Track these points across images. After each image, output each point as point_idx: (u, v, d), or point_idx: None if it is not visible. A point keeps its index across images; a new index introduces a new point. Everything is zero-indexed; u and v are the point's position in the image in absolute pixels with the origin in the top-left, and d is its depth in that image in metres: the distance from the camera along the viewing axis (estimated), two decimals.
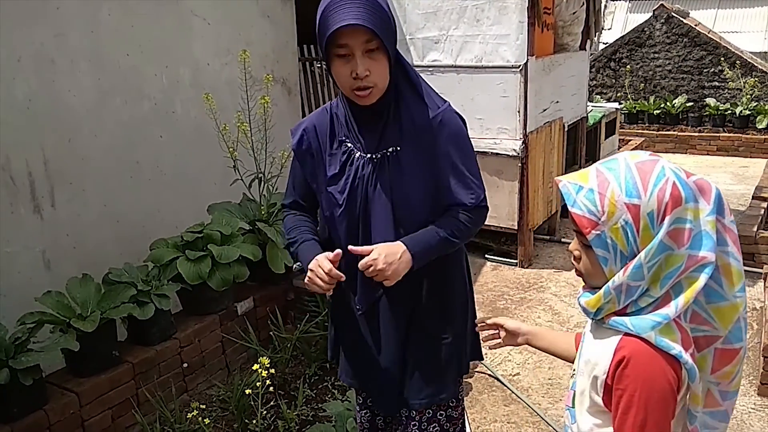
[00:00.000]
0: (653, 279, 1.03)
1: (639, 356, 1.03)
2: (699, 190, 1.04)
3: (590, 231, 1.04)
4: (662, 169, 1.03)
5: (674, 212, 1.01)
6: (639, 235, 1.02)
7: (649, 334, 1.03)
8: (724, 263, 1.05)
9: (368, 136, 1.54)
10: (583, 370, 1.15)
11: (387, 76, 1.46)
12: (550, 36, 4.58)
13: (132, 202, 3.25)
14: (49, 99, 2.87)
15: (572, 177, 1.09)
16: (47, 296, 2.54)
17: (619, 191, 1.02)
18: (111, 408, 2.58)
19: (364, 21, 1.34)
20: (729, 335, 1.09)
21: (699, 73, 8.75)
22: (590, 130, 5.81)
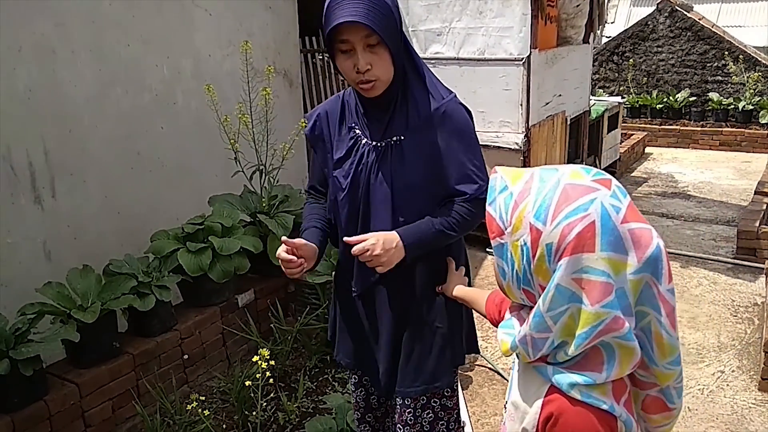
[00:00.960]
0: (565, 332, 0.92)
1: (567, 415, 0.93)
2: (633, 241, 0.88)
3: (495, 237, 0.97)
4: (590, 202, 0.87)
5: (577, 257, 0.87)
6: (534, 263, 0.91)
7: (571, 393, 0.93)
8: (655, 330, 0.93)
9: (375, 124, 1.58)
10: (513, 415, 1.05)
11: (390, 70, 1.48)
12: (553, 29, 4.56)
13: (133, 193, 3.24)
14: (49, 89, 2.86)
15: (508, 172, 0.99)
16: (48, 287, 2.54)
17: (531, 208, 0.91)
18: (111, 399, 2.58)
19: (361, 17, 1.37)
20: (663, 392, 0.99)
21: (702, 67, 8.71)
22: (593, 124, 5.80)
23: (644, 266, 0.88)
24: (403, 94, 1.55)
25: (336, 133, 1.64)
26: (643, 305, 0.91)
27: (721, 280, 4.13)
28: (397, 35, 1.46)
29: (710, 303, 3.82)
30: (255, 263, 3.18)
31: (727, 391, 2.95)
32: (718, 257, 4.49)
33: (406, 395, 1.69)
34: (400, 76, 1.53)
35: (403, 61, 1.53)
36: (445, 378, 1.68)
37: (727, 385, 2.99)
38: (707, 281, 4.12)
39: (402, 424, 1.72)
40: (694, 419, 2.75)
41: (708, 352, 3.29)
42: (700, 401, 2.87)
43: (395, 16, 1.45)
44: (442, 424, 1.75)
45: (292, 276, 1.58)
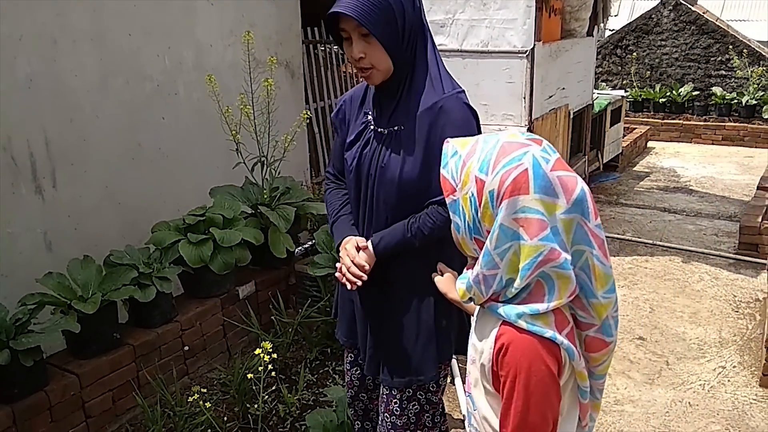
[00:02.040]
0: (511, 269, 1.05)
1: (516, 343, 1.05)
2: (561, 186, 1.02)
3: (449, 195, 1.11)
4: (522, 154, 1.03)
5: (513, 199, 1.01)
6: (480, 210, 1.06)
7: (518, 323, 1.05)
8: (591, 264, 1.06)
9: (383, 111, 1.63)
10: (473, 357, 1.18)
11: (384, 60, 1.52)
12: (557, 21, 4.53)
13: (134, 184, 3.23)
14: (50, 79, 2.84)
15: (458, 141, 1.14)
16: (48, 277, 2.54)
17: (476, 164, 1.06)
18: (111, 390, 2.58)
19: (350, 10, 1.44)
20: (601, 329, 1.11)
21: (706, 61, 8.67)
22: (595, 117, 5.77)
23: (573, 207, 1.03)
24: (409, 85, 1.58)
25: (354, 118, 1.71)
26: (579, 244, 1.05)
27: (722, 276, 4.12)
28: (391, 28, 1.49)
29: (712, 298, 3.81)
30: (256, 255, 3.18)
31: (728, 386, 2.94)
32: (720, 252, 4.48)
33: (392, 386, 1.71)
34: (403, 67, 1.56)
35: (408, 53, 1.55)
36: (429, 372, 1.69)
37: (728, 381, 2.98)
38: (709, 276, 4.12)
39: (389, 413, 1.75)
40: (695, 414, 2.75)
41: (709, 347, 3.28)
42: (701, 396, 2.87)
43: (393, 10, 1.48)
44: (428, 416, 1.78)
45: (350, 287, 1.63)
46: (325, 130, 5.27)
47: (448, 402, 2.69)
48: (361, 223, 1.71)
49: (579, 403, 1.16)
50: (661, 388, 2.94)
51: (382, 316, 1.71)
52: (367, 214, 1.69)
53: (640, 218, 5.30)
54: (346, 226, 1.73)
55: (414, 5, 1.54)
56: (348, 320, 1.83)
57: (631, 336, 3.39)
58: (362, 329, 1.76)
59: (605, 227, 5.11)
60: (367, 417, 1.97)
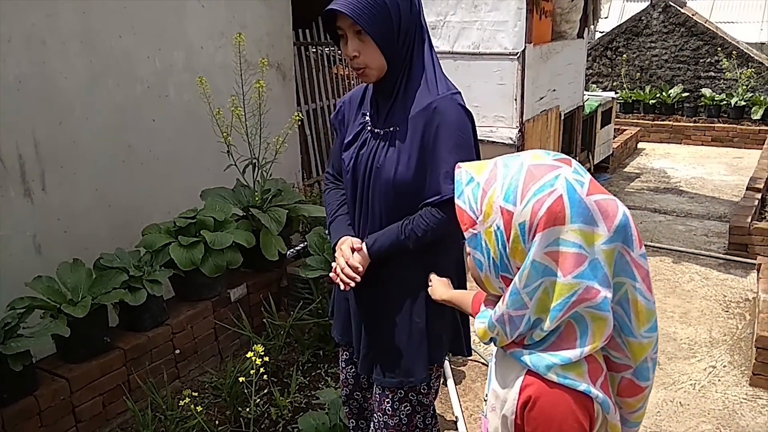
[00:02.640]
0: (540, 308, 0.93)
1: (544, 397, 0.95)
2: (601, 212, 0.91)
3: (468, 228, 0.98)
4: (555, 178, 0.91)
5: (550, 231, 0.90)
6: (509, 245, 0.93)
7: (548, 375, 0.94)
8: (632, 298, 0.96)
9: (380, 111, 1.64)
10: (494, 404, 1.07)
11: (378, 59, 1.54)
12: (548, 23, 4.55)
13: (124, 186, 3.21)
14: (40, 80, 2.82)
15: (472, 166, 1.01)
16: (38, 281, 2.52)
17: (500, 193, 0.94)
18: (102, 394, 2.56)
19: (343, 7, 1.46)
20: (637, 372, 1.02)
21: (695, 63, 8.73)
22: (586, 119, 5.80)
23: (615, 235, 0.92)
24: (405, 85, 1.59)
25: (353, 118, 1.73)
26: (619, 275, 0.94)
27: (712, 276, 4.15)
28: (386, 27, 1.50)
29: (702, 298, 3.83)
30: (247, 257, 3.16)
31: (718, 386, 2.96)
32: (710, 253, 4.51)
33: (383, 385, 1.72)
34: (399, 66, 1.57)
35: (404, 53, 1.56)
36: (419, 374, 1.69)
37: (719, 380, 3.00)
38: (699, 276, 4.14)
39: (381, 412, 1.76)
40: (686, 414, 2.76)
41: (700, 347, 3.30)
42: (692, 396, 2.88)
43: (388, 9, 1.49)
44: (419, 418, 1.78)
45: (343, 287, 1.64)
46: (317, 132, 5.26)
47: (441, 404, 2.69)
48: (357, 223, 1.72)
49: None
50: (653, 388, 2.95)
51: (375, 315, 1.72)
52: (363, 215, 1.69)
53: None
54: (343, 226, 1.74)
55: (412, 6, 1.55)
56: (343, 319, 1.84)
57: None
58: (356, 328, 1.77)
59: None
60: (362, 416, 1.97)
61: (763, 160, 6.16)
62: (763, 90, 8.33)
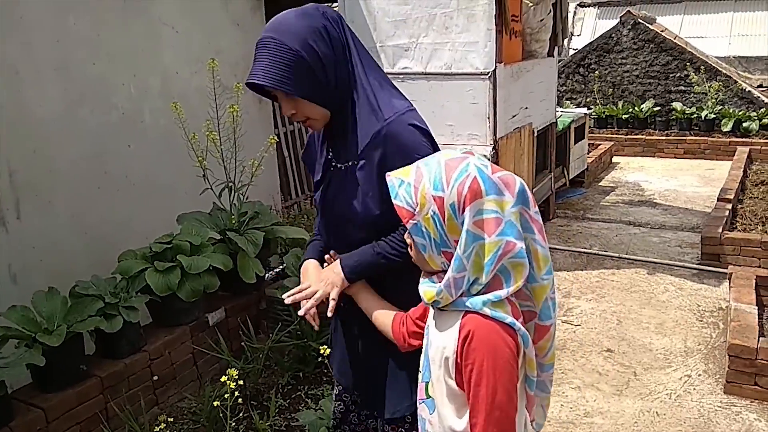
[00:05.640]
0: (476, 268, 1.15)
1: (480, 329, 1.13)
2: (504, 184, 1.15)
3: (408, 221, 1.18)
4: (467, 165, 1.16)
5: (474, 204, 1.13)
6: (445, 224, 1.15)
7: (483, 309, 1.14)
8: (533, 249, 1.17)
9: (337, 146, 1.60)
10: (434, 358, 1.24)
11: (316, 109, 1.49)
12: (518, 43, 4.65)
13: (100, 213, 3.21)
14: (14, 109, 2.83)
15: (399, 173, 1.23)
16: (12, 311, 2.50)
17: (429, 185, 1.16)
18: (79, 423, 2.53)
19: (262, 80, 1.40)
20: (541, 313, 1.22)
21: (665, 78, 8.94)
22: (560, 135, 5.90)
23: (518, 199, 1.15)
24: (354, 118, 1.53)
25: (319, 154, 1.68)
26: (524, 231, 1.17)
27: (686, 286, 4.23)
28: (312, 82, 1.43)
29: (677, 308, 3.90)
30: (225, 281, 3.17)
31: (693, 395, 3.01)
32: (683, 263, 4.60)
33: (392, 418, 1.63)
34: (341, 105, 1.51)
35: (341, 91, 1.49)
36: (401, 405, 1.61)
37: (694, 389, 3.05)
38: (674, 287, 4.22)
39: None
40: (662, 423, 2.80)
41: (675, 357, 3.35)
42: (668, 405, 2.93)
43: (308, 63, 1.41)
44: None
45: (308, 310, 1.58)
46: (295, 154, 5.29)
47: None
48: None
49: (526, 395, 1.23)
50: (630, 399, 3.00)
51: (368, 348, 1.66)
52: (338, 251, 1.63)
53: (607, 232, 5.41)
54: (314, 249, 1.72)
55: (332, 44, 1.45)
56: (338, 355, 1.78)
57: (600, 348, 3.45)
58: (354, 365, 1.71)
59: (573, 242, 5.23)
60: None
61: (733, 171, 6.31)
62: (731, 103, 8.54)
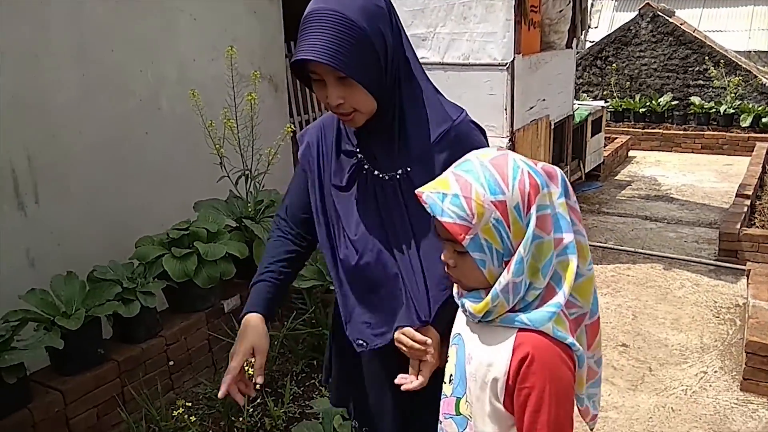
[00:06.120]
0: (532, 271, 1.05)
1: (543, 351, 1.03)
2: (548, 175, 1.07)
3: (464, 236, 1.03)
4: (514, 161, 1.06)
5: (537, 200, 1.04)
6: (511, 230, 1.03)
7: (547, 326, 1.04)
8: (577, 241, 1.09)
9: (377, 152, 1.35)
10: (475, 375, 1.11)
11: (368, 101, 1.26)
12: (536, 34, 4.60)
13: (117, 199, 3.23)
14: (33, 95, 2.84)
15: (432, 187, 1.07)
16: (31, 294, 2.52)
17: (483, 191, 1.03)
18: (96, 406, 2.56)
19: (321, 56, 1.18)
20: (591, 308, 1.14)
21: (684, 71, 8.83)
22: (576, 128, 5.85)
23: (562, 190, 1.08)
24: (401, 118, 1.32)
25: (331, 156, 1.41)
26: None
27: (703, 282, 4.19)
28: (373, 67, 1.23)
29: (693, 304, 3.87)
30: (241, 268, 3.18)
31: (709, 391, 2.98)
32: (700, 259, 4.55)
33: None
34: (391, 100, 1.30)
35: (394, 83, 1.30)
36: None
37: (710, 386, 3.03)
38: (690, 283, 4.18)
39: None
40: (677, 419, 2.78)
41: (691, 353, 3.33)
42: (684, 402, 2.91)
43: (373, 44, 1.21)
44: None
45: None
46: None
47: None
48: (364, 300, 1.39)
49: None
50: (644, 394, 2.98)
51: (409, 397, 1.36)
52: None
53: (622, 226, 5.36)
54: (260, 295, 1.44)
55: (392, 26, 1.27)
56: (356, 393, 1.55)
57: (615, 343, 3.42)
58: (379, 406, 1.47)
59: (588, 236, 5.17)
60: None
61: (752, 167, 6.23)
62: (751, 98, 8.42)
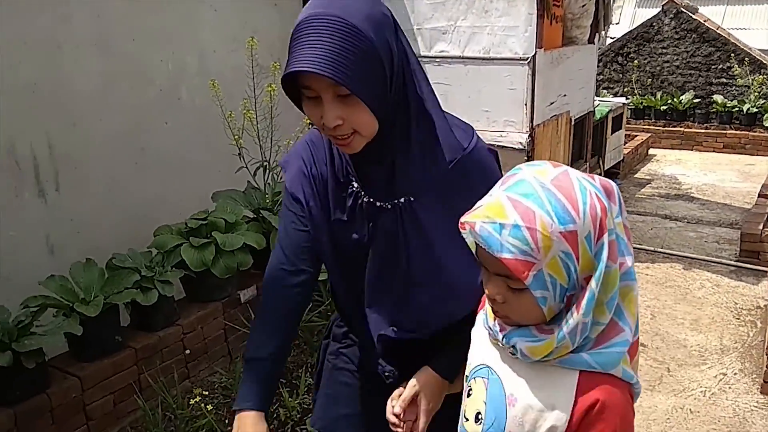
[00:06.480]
0: (597, 305, 0.92)
1: (614, 397, 0.92)
2: (606, 192, 0.92)
3: (527, 274, 0.87)
4: (579, 182, 0.90)
5: (607, 225, 0.90)
6: (579, 263, 0.89)
7: (617, 369, 0.93)
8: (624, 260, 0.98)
9: (374, 178, 1.18)
10: (522, 419, 0.97)
11: (370, 123, 1.07)
12: (558, 28, 4.55)
13: (136, 188, 3.24)
14: (54, 83, 2.86)
15: (483, 215, 0.91)
16: (51, 280, 2.54)
17: (551, 220, 0.87)
18: (113, 393, 2.58)
19: (320, 68, 0.98)
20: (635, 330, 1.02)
21: (707, 69, 8.69)
22: (597, 124, 5.79)
23: (618, 207, 0.93)
24: (406, 143, 1.15)
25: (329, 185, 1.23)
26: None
27: (723, 283, 4.13)
28: (379, 84, 1.05)
29: (713, 305, 3.81)
30: (258, 259, 3.18)
31: (729, 393, 2.94)
32: (721, 260, 4.48)
33: None
34: (395, 124, 1.13)
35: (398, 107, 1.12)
36: None
37: (729, 388, 2.98)
38: (710, 284, 4.12)
39: None
40: (695, 421, 2.74)
41: (710, 354, 3.28)
42: (702, 403, 2.87)
43: (378, 55, 1.03)
44: None
45: None
46: None
47: None
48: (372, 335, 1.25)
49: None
50: (662, 395, 2.94)
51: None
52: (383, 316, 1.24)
53: (642, 225, 5.30)
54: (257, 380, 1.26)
55: (398, 38, 1.10)
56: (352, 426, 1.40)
57: None
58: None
59: None
60: None
61: None
62: None
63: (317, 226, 1.24)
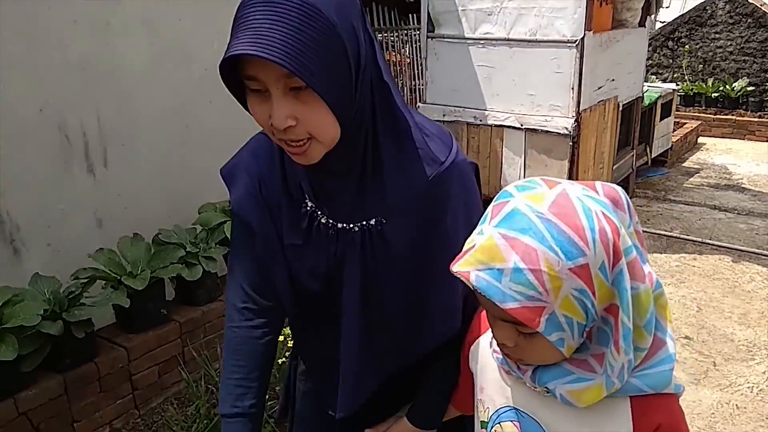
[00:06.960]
0: (635, 331, 0.84)
1: (674, 415, 0.88)
2: (612, 202, 0.82)
3: (538, 320, 0.77)
4: (581, 202, 0.78)
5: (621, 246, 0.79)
6: (596, 297, 0.79)
7: (668, 389, 0.87)
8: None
9: (335, 197, 1.01)
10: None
11: (330, 126, 0.88)
12: (608, 11, 4.42)
13: (181, 165, 3.29)
14: (104, 61, 2.91)
15: (476, 261, 0.79)
16: (100, 253, 2.61)
17: (557, 257, 0.75)
18: (158, 364, 2.65)
19: (271, 52, 0.78)
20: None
21: (762, 55, 8.34)
22: (645, 111, 5.63)
23: (628, 214, 0.85)
24: (376, 156, 0.97)
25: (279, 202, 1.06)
26: None
27: None
28: (342, 78, 0.86)
29: (763, 300, 3.68)
30: None
31: None
32: None
33: None
34: (361, 132, 0.94)
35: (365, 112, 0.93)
36: None
37: None
38: (760, 277, 3.98)
39: None
40: (742, 417, 2.66)
41: (759, 349, 3.18)
42: (749, 399, 2.78)
43: (343, 47, 0.84)
44: None
45: None
46: None
47: None
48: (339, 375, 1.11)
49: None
50: (708, 389, 2.86)
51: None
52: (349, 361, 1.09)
53: (689, 215, 5.15)
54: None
55: (365, 28, 0.91)
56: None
57: (677, 335, 3.30)
58: None
59: (652, 224, 5.01)
60: None
61: None
62: None
63: (270, 254, 1.08)
